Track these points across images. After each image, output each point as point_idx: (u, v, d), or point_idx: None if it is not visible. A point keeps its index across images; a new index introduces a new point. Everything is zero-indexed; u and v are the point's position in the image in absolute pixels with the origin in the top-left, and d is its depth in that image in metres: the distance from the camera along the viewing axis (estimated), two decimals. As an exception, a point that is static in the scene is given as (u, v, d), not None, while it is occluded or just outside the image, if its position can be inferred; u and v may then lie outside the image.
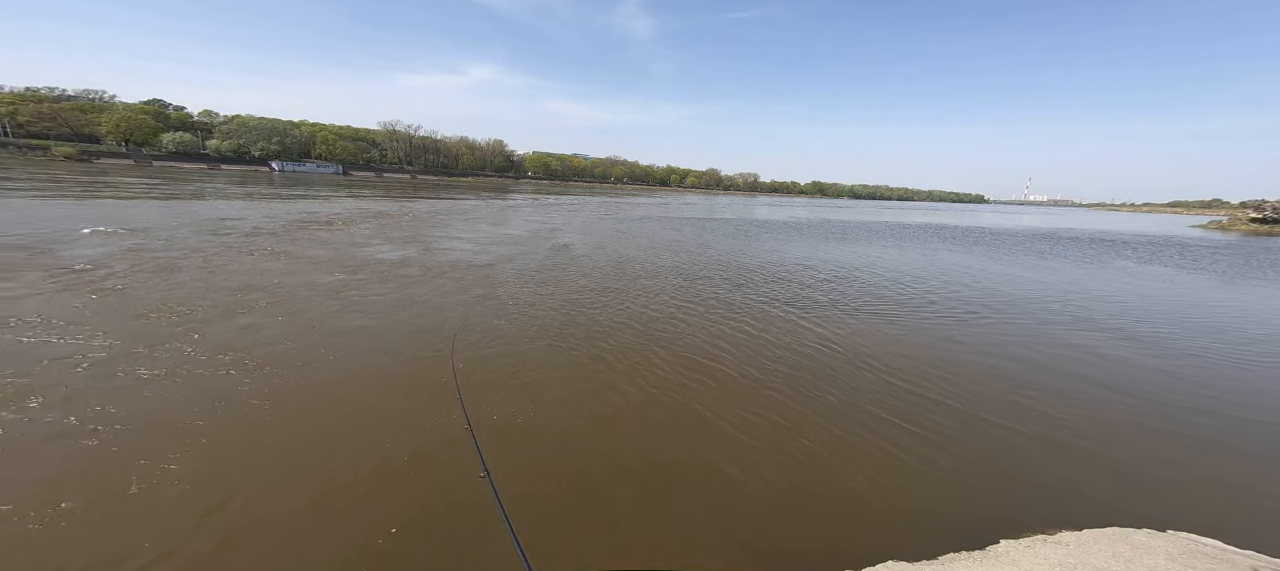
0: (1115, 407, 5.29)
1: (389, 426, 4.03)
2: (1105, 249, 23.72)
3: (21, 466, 3.30)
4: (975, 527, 3.27)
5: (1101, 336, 8.02)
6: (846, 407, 4.88)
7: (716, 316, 8.02)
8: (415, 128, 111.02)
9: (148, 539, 2.75)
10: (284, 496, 3.16)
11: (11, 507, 2.90)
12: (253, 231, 13.99)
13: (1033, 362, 6.53)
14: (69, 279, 7.72)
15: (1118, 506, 3.61)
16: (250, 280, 8.40)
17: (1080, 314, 9.58)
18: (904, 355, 6.52)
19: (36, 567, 2.53)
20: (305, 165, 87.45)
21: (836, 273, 13.08)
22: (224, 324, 6.14)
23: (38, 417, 3.81)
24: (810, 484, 3.63)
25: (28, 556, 2.59)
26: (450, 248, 13.65)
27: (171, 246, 10.95)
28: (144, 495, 3.10)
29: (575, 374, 5.35)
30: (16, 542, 2.67)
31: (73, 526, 2.80)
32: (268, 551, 2.74)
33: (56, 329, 5.60)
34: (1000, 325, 8.43)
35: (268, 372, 4.84)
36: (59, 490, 3.07)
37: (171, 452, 3.51)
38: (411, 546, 2.82)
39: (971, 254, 19.15)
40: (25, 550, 2.63)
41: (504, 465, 3.57)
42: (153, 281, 7.97)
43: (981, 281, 12.75)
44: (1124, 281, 13.94)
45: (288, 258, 10.61)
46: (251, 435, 3.80)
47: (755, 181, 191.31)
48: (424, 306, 7.66)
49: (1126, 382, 6.00)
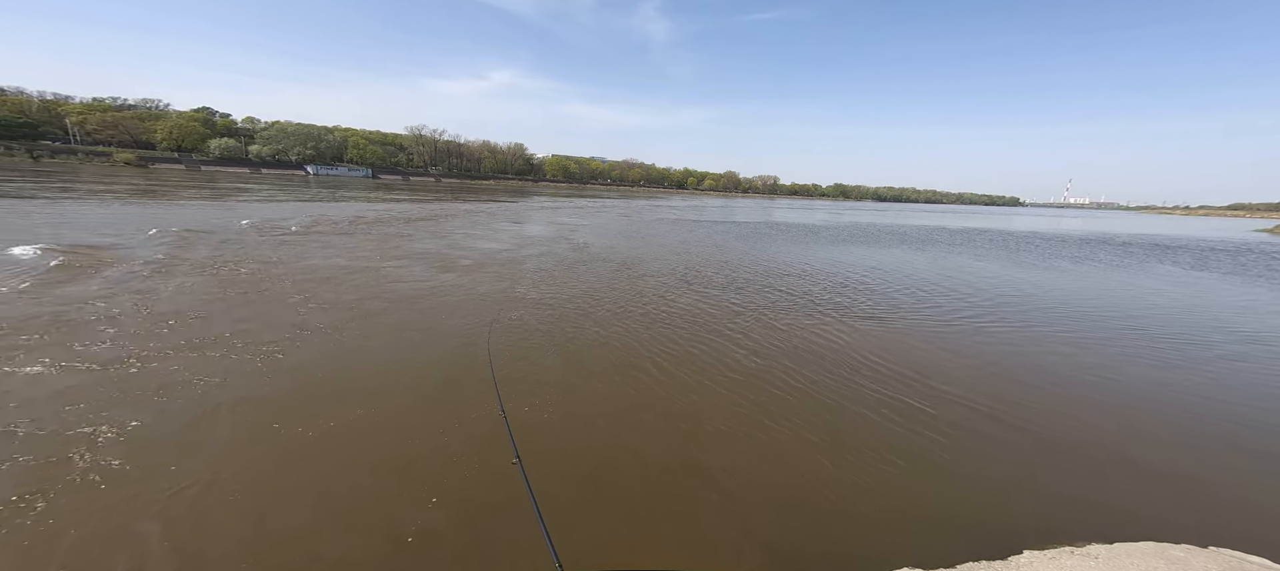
0: (1158, 419, 5.04)
1: (436, 409, 4.26)
2: (1159, 254, 22.32)
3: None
4: (996, 536, 3.21)
5: (1144, 345, 7.61)
6: (871, 412, 4.83)
7: (750, 321, 8.03)
8: (440, 132, 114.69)
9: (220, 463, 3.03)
10: (338, 467, 3.41)
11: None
12: (304, 231, 14.83)
13: (1066, 368, 6.28)
14: (145, 277, 8.42)
15: (1152, 518, 3.47)
16: (310, 277, 8.94)
17: (1131, 323, 9.11)
18: (944, 364, 6.38)
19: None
20: (338, 169, 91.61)
21: (864, 277, 12.82)
22: (282, 317, 6.57)
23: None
24: (833, 489, 3.64)
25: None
26: (480, 247, 14.11)
27: (232, 247, 11.75)
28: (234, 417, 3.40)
29: (606, 366, 5.50)
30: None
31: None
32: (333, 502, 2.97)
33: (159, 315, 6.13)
34: (1041, 329, 8.11)
35: (339, 347, 5.18)
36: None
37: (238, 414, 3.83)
38: (446, 519, 3.00)
39: (1016, 262, 18.39)
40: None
41: (532, 453, 3.72)
42: (201, 282, 8.59)
43: (1022, 287, 12.26)
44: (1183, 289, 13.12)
45: (347, 253, 11.22)
46: (317, 413, 4.08)
47: (775, 184, 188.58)
48: (463, 294, 8.03)
49: (1168, 391, 5.69)
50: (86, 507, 2.99)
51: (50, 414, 3.88)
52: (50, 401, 4.05)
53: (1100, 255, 21.08)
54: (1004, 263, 17.25)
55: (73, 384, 4.38)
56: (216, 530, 2.88)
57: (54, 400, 4.07)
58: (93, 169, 54.07)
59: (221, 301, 7.20)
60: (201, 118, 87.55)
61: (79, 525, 2.83)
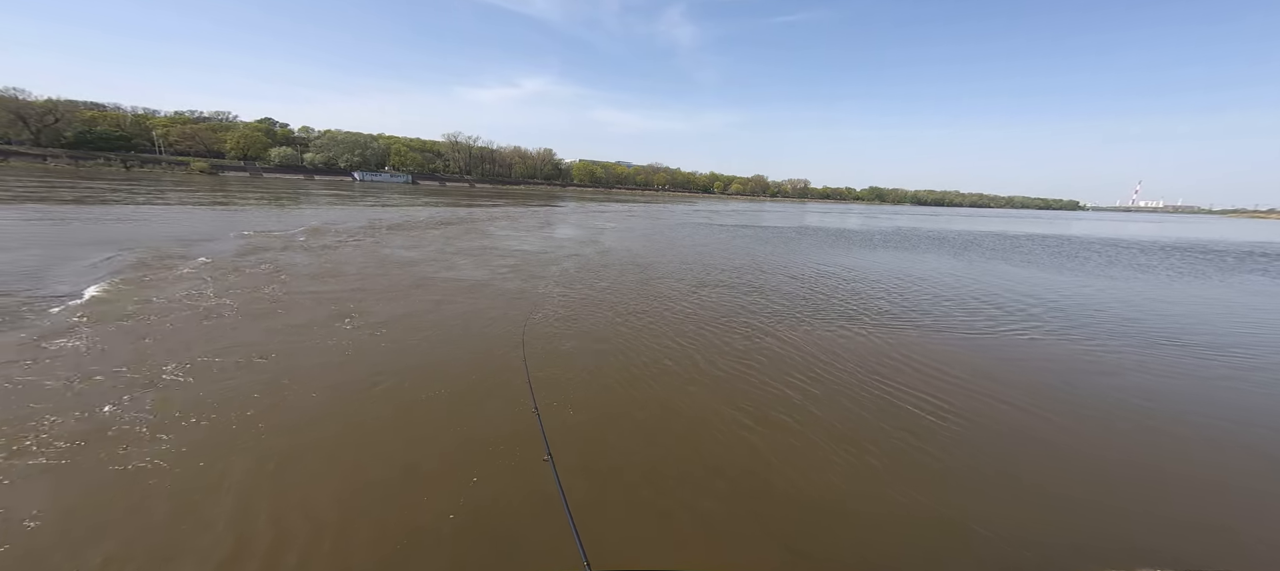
0: (1235, 446, 4.59)
1: (467, 405, 4.56)
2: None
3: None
4: (1051, 557, 3.07)
5: (1222, 365, 6.91)
6: (906, 420, 4.70)
7: (786, 325, 7.97)
8: (474, 139, 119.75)
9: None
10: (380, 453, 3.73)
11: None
12: (363, 233, 15.99)
13: (1110, 385, 5.81)
14: (221, 275, 9.39)
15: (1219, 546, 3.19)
16: (369, 278, 9.68)
17: (1215, 340, 8.29)
18: (990, 374, 6.10)
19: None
20: (381, 175, 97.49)
21: (909, 285, 12.34)
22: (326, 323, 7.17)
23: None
24: (863, 497, 3.59)
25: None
26: (516, 247, 14.70)
27: (315, 245, 12.85)
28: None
29: (637, 366, 5.64)
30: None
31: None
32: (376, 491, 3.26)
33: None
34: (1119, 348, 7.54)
35: (385, 343, 5.63)
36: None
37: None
38: (490, 496, 3.22)
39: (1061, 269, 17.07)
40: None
41: (563, 451, 3.89)
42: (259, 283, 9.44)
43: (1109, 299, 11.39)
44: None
45: (396, 255, 12.05)
46: (359, 405, 4.47)
47: (805, 187, 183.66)
48: (498, 295, 8.44)
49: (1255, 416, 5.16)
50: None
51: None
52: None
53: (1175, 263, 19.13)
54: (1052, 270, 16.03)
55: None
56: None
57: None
58: (173, 177, 60.27)
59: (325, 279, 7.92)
60: (264, 128, 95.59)
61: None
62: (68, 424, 3.91)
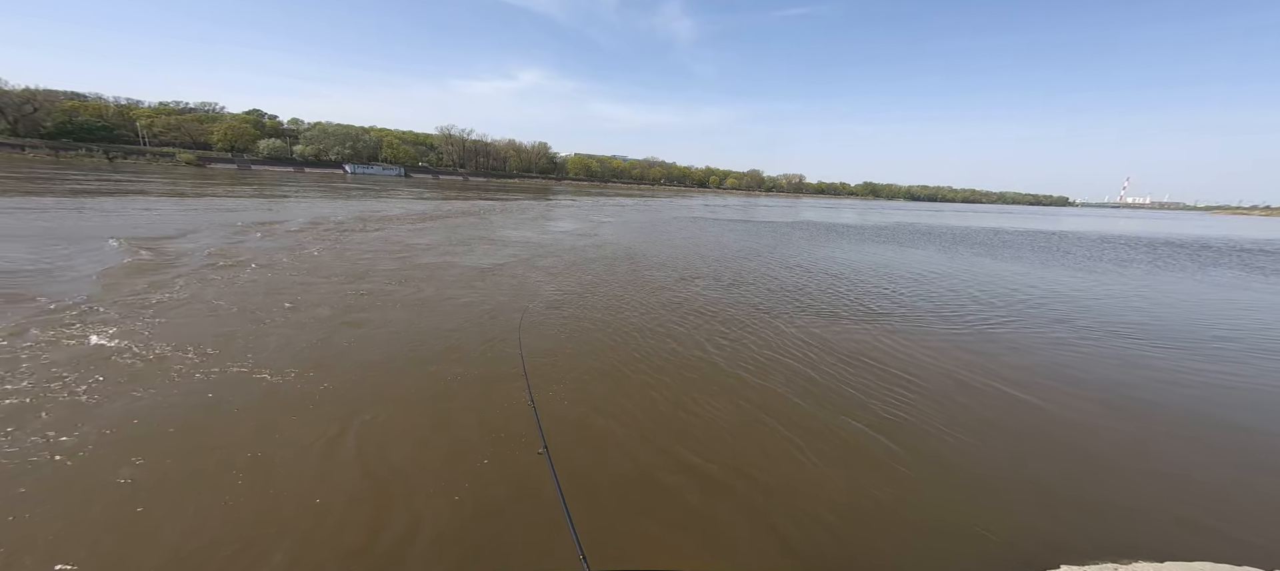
0: (1215, 434, 4.64)
1: (467, 393, 4.47)
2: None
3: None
4: (1030, 549, 3.06)
5: (1202, 361, 7.00)
6: (908, 422, 4.69)
7: (784, 321, 7.93)
8: (468, 131, 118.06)
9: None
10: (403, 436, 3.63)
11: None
12: (354, 228, 15.70)
13: (1109, 374, 5.86)
14: (222, 267, 9.15)
15: (1215, 537, 3.21)
16: (372, 272, 9.49)
17: (1222, 340, 8.40)
18: (1004, 370, 6.11)
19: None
20: (373, 168, 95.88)
21: (901, 280, 12.37)
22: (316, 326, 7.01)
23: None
24: (863, 496, 3.56)
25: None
26: (514, 240, 14.53)
27: (305, 240, 12.58)
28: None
29: (634, 360, 5.58)
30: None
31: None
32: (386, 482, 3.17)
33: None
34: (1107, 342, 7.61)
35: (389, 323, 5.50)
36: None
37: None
38: (498, 479, 3.14)
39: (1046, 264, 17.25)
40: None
41: (559, 445, 3.82)
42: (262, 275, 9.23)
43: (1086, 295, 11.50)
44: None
45: (398, 249, 11.84)
46: (374, 385, 4.36)
47: (800, 182, 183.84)
48: (498, 288, 8.32)
49: (1231, 405, 5.22)
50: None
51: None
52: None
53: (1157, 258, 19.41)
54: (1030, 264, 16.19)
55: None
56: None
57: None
58: (158, 169, 58.85)
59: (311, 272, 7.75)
60: (252, 120, 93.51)
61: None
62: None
